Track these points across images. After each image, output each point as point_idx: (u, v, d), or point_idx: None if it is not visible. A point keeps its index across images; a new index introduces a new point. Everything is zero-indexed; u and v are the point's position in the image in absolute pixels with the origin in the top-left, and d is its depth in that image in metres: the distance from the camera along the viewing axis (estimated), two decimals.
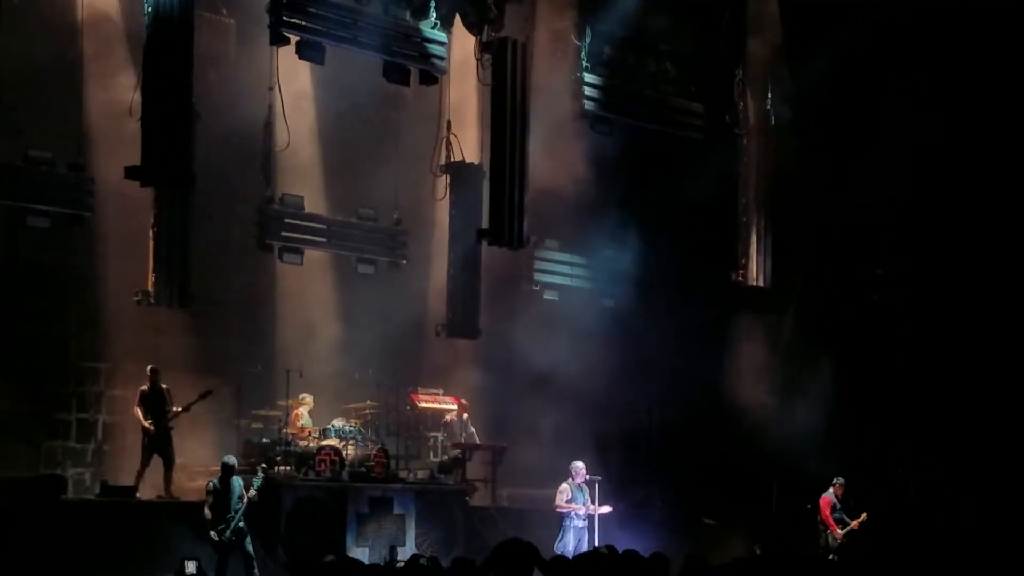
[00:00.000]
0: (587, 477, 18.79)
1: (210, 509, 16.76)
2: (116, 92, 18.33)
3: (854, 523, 20.76)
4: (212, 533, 16.59)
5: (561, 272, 22.83)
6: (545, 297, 22.59)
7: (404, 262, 21.69)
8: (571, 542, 18.35)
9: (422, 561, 8.33)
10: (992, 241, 23.01)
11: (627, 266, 23.00)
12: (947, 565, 19.69)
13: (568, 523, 18.51)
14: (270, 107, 19.51)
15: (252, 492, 16.81)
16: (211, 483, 17.00)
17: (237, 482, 16.86)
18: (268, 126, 19.71)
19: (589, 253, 23.08)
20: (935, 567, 19.53)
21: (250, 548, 16.76)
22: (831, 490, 21.00)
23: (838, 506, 20.86)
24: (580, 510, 18.52)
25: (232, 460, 17.10)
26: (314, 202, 21.09)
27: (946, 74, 22.91)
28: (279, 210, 20.18)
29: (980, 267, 23.12)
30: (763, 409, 23.37)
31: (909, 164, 23.11)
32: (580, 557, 8.10)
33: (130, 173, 16.64)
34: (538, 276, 22.49)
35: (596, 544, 17.45)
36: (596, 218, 22.79)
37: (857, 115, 23.49)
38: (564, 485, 18.71)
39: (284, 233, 20.24)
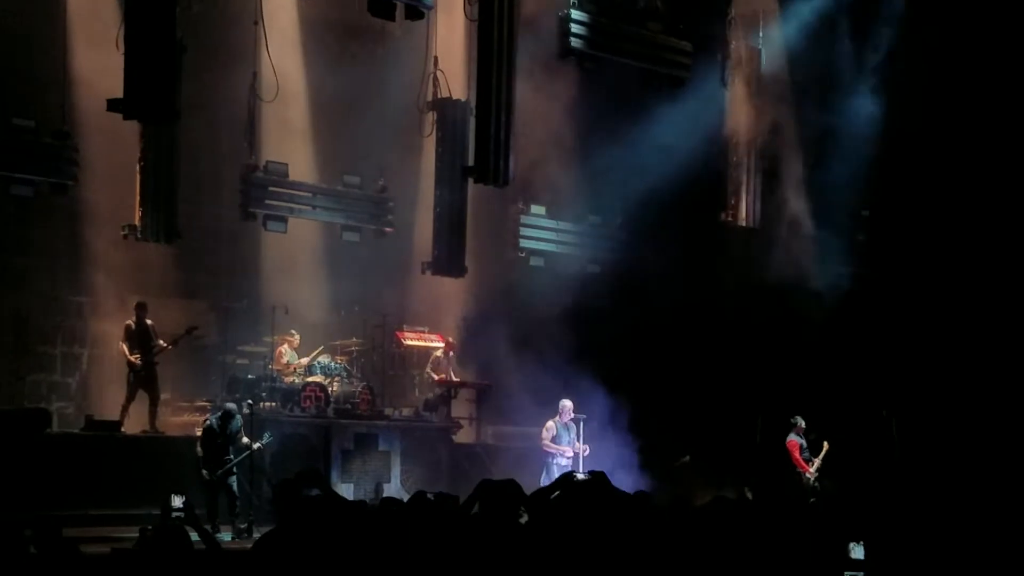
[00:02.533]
0: (573, 416, 18.83)
1: (201, 447, 16.83)
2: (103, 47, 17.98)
3: (817, 460, 20.79)
4: (204, 471, 16.68)
5: (547, 238, 22.75)
6: (531, 264, 22.54)
7: (389, 230, 21.60)
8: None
9: (429, 496, 8.34)
10: (980, 182, 23.02)
11: (614, 229, 22.96)
12: (931, 505, 19.83)
13: (552, 460, 18.58)
14: (255, 74, 19.32)
15: (258, 445, 16.91)
16: (208, 421, 17.04)
17: (236, 423, 16.90)
18: (252, 88, 19.54)
19: (576, 218, 22.97)
20: (919, 508, 19.67)
21: (235, 487, 16.86)
22: (794, 432, 20.99)
23: (805, 446, 20.92)
24: (567, 451, 18.57)
25: (233, 408, 17.14)
26: (298, 160, 20.89)
27: (933, 14, 22.87)
28: (263, 178, 20.03)
29: (967, 209, 23.15)
30: (747, 351, 23.44)
31: (896, 104, 23.09)
32: (562, 495, 8.11)
33: (112, 106, 16.47)
34: (524, 243, 22.41)
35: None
36: (582, 161, 22.65)
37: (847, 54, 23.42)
38: (550, 423, 18.76)
39: (268, 201, 20.11)
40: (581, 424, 18.78)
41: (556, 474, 18.25)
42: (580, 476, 8.71)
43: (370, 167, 21.79)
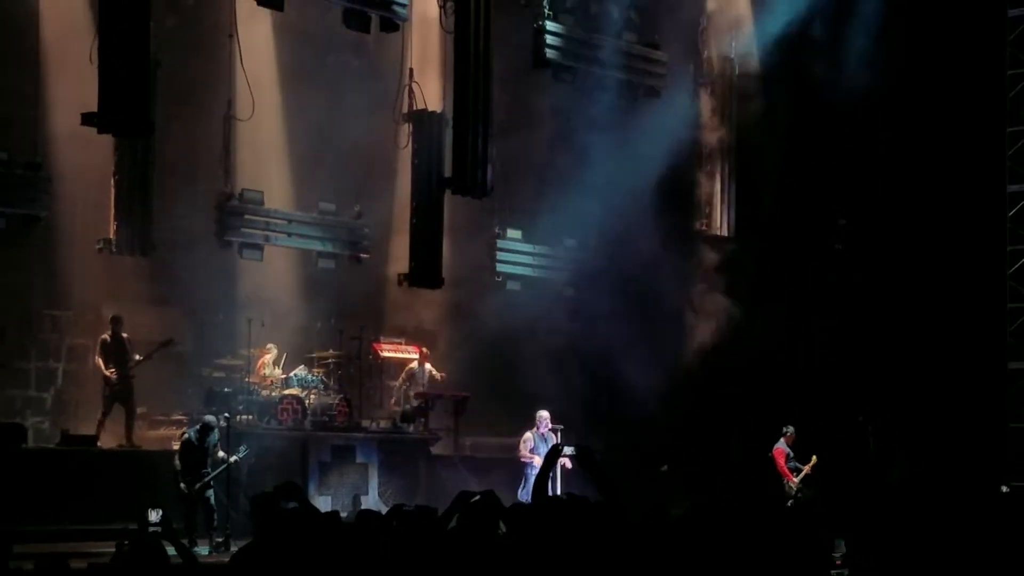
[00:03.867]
0: (550, 426, 18.82)
1: (180, 460, 16.77)
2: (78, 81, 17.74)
3: (807, 468, 20.88)
4: (182, 485, 16.62)
5: (523, 262, 22.72)
6: (507, 287, 22.53)
7: (365, 256, 21.51)
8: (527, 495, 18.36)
9: (405, 509, 8.32)
10: (953, 194, 23.17)
11: (589, 252, 22.94)
12: (906, 511, 19.91)
13: (530, 471, 18.51)
14: (229, 101, 19.23)
15: (235, 458, 16.86)
16: (186, 434, 16.97)
17: (214, 437, 16.85)
18: (227, 116, 19.44)
19: (552, 242, 22.95)
20: (894, 514, 19.75)
21: (212, 500, 16.82)
22: (782, 440, 21.06)
23: (791, 455, 20.99)
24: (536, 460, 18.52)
25: (213, 421, 17.07)
26: (273, 184, 20.77)
27: (907, 24, 23.02)
28: (238, 206, 19.93)
29: (943, 217, 23.28)
30: (724, 358, 23.48)
31: (871, 114, 23.22)
32: (541, 505, 8.13)
33: (87, 120, 16.45)
34: (500, 267, 22.40)
35: (558, 492, 17.49)
36: (557, 179, 22.58)
37: (820, 65, 23.52)
38: (527, 434, 18.75)
39: (244, 230, 20.00)
40: (559, 435, 18.78)
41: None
42: (568, 450, 8.71)
43: (346, 190, 21.68)
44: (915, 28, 22.98)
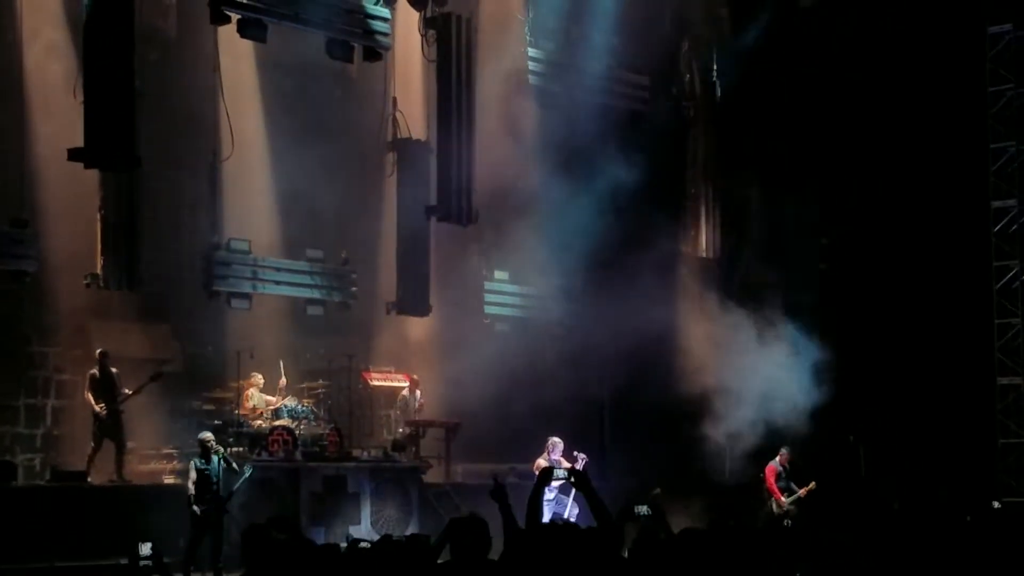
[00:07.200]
0: (562, 454, 18.65)
1: (193, 484, 16.66)
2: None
3: (802, 491, 20.86)
4: (195, 507, 16.50)
5: (512, 303, 22.69)
6: (496, 329, 22.51)
7: (353, 301, 21.48)
8: (546, 517, 18.26)
9: (395, 539, 8.32)
10: (938, 211, 23.27)
11: (577, 292, 22.89)
12: (897, 532, 19.89)
13: (548, 497, 18.32)
14: (215, 153, 19.20)
15: (248, 471, 16.77)
16: (194, 462, 16.84)
17: (216, 465, 16.74)
18: (212, 170, 19.42)
19: (539, 282, 22.90)
20: (885, 534, 19.73)
21: (223, 529, 16.69)
22: (777, 459, 21.06)
23: (783, 474, 20.96)
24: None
25: (208, 436, 16.95)
26: (259, 229, 20.69)
27: (887, 42, 23.17)
28: (225, 256, 19.88)
29: (926, 236, 23.37)
30: (714, 382, 23.48)
31: (854, 133, 23.34)
32: (537, 530, 8.12)
33: (73, 155, 16.48)
34: (488, 309, 22.38)
35: (563, 517, 17.47)
36: (543, 212, 22.56)
37: (800, 86, 23.65)
38: (540, 460, 18.57)
39: (232, 279, 19.94)
40: (582, 463, 18.48)
41: (546, 511, 18.12)
42: (560, 473, 8.71)
43: (333, 229, 21.59)
44: (896, 46, 23.12)
